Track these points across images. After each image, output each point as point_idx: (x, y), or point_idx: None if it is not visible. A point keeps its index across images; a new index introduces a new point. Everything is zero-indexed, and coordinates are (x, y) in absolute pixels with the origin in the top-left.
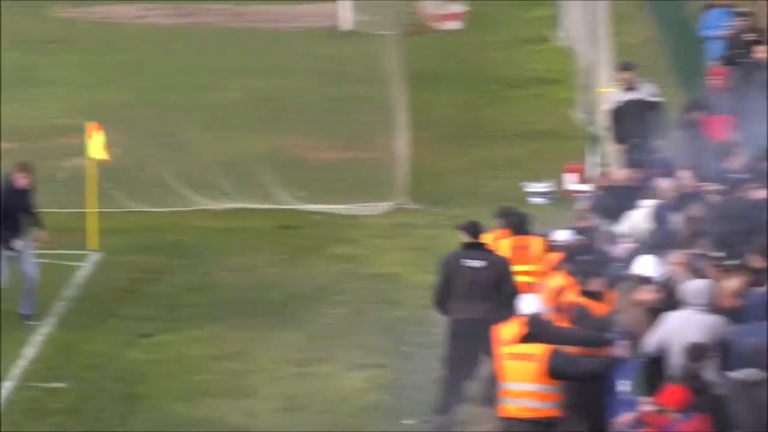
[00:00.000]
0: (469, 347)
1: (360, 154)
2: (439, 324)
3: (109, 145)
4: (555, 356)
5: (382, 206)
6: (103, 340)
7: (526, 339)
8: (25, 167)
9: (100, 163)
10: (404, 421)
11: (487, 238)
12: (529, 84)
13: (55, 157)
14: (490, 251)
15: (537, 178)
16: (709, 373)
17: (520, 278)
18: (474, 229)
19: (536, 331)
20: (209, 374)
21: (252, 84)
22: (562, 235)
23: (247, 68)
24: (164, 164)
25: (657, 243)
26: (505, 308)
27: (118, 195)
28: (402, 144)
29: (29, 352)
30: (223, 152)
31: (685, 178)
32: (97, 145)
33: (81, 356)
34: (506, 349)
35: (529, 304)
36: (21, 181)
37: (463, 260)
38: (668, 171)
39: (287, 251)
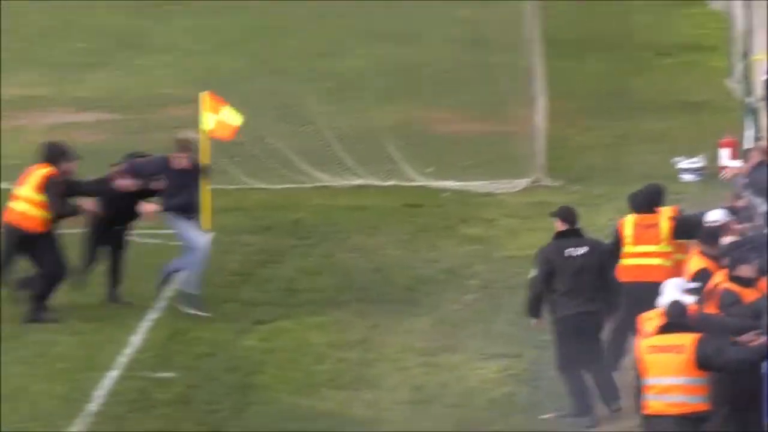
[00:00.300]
0: (585, 342)
1: (495, 126)
2: None
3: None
4: (703, 344)
5: (518, 183)
6: (216, 327)
7: (668, 329)
8: (186, 146)
9: (214, 138)
10: (540, 416)
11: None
12: (679, 51)
13: (165, 130)
14: (586, 237)
15: (688, 154)
16: None
17: (647, 261)
18: (569, 216)
19: (679, 320)
20: (330, 364)
21: (379, 51)
22: (715, 216)
23: (375, 34)
24: (283, 138)
25: None
26: (610, 297)
27: (233, 171)
28: (540, 116)
29: (136, 339)
30: (347, 125)
31: None
32: (214, 120)
33: (192, 344)
34: (647, 342)
35: (669, 290)
36: (181, 161)
37: (567, 249)
38: None
39: (414, 231)
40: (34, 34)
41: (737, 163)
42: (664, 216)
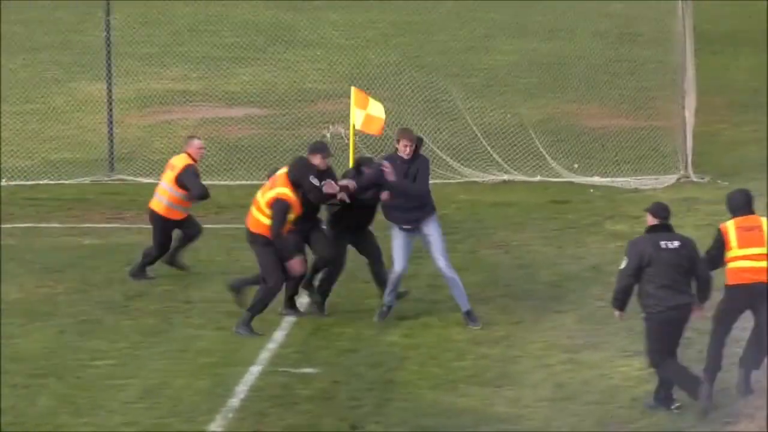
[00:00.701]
0: (675, 335)
1: (643, 122)
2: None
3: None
4: None
5: (666, 179)
6: (359, 323)
7: None
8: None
9: (364, 133)
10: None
11: None
12: None
13: (314, 125)
14: (677, 232)
15: None
16: None
17: (751, 264)
18: (661, 211)
19: None
20: (472, 360)
21: (528, 46)
22: None
23: (523, 28)
24: (430, 133)
25: None
26: (700, 292)
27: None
28: (690, 111)
29: (279, 334)
30: (494, 120)
31: None
32: (363, 115)
33: (334, 339)
34: None
35: None
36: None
37: (661, 242)
38: None
39: (560, 228)
40: (184, 28)
41: None
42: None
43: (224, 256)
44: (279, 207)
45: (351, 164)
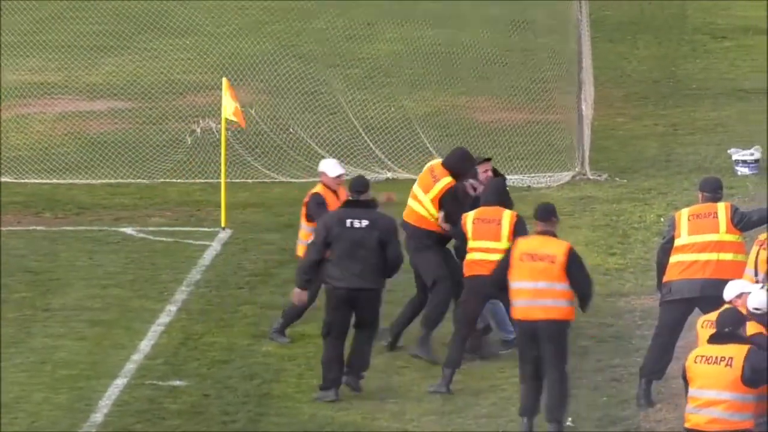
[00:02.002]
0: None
1: (537, 115)
2: (618, 314)
3: (243, 106)
4: (753, 358)
5: (561, 177)
6: (232, 332)
7: (718, 339)
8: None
9: (234, 127)
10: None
11: None
12: (737, 34)
13: (183, 119)
14: (372, 211)
15: (744, 144)
16: None
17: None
18: (357, 185)
19: (731, 329)
20: None
21: (413, 34)
22: None
23: (409, 15)
24: (308, 127)
25: None
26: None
27: (254, 163)
28: (587, 104)
29: (146, 345)
30: (377, 114)
31: None
32: (233, 107)
33: (205, 350)
34: (697, 350)
35: (730, 291)
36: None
37: (348, 219)
38: None
39: None
40: (44, 15)
41: None
42: (722, 208)
43: (86, 261)
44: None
45: (223, 162)
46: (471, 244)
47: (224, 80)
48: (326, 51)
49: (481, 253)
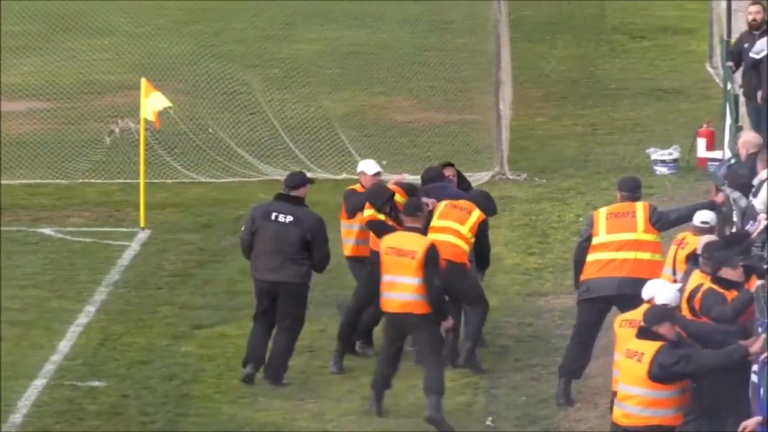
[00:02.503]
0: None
1: (456, 115)
2: (537, 314)
3: (169, 108)
4: (662, 355)
5: (480, 176)
6: (151, 332)
7: (641, 334)
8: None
9: (152, 128)
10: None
11: None
12: (655, 34)
13: (102, 119)
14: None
15: (663, 144)
16: None
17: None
18: (290, 180)
19: (650, 325)
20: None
21: (332, 34)
22: (704, 216)
23: (327, 15)
24: (227, 127)
25: None
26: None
27: (173, 163)
28: (506, 104)
29: (64, 345)
30: (297, 114)
31: None
32: (149, 107)
33: (124, 350)
34: (627, 345)
35: (649, 291)
36: None
37: (273, 212)
38: None
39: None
40: None
41: (715, 154)
42: (640, 207)
43: (5, 261)
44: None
45: (142, 163)
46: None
47: (143, 80)
48: (245, 51)
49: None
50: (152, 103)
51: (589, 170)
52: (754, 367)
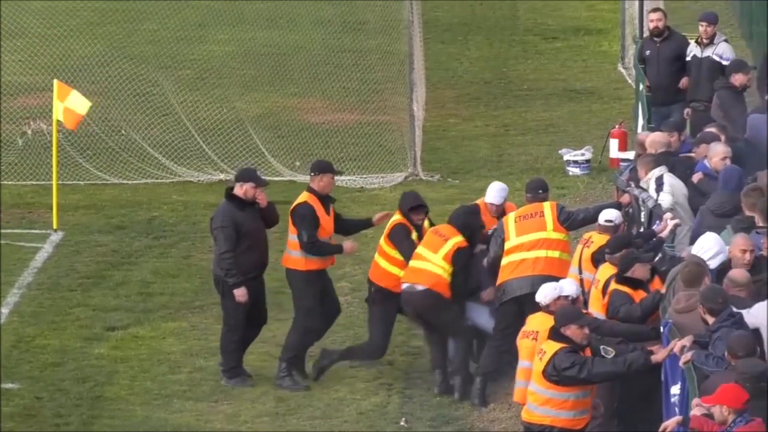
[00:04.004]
0: None
1: (369, 116)
2: None
3: (75, 108)
4: (559, 359)
5: (394, 177)
6: (65, 334)
7: (551, 335)
8: None
9: (65, 129)
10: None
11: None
12: (567, 34)
13: (14, 121)
14: None
15: (575, 145)
16: None
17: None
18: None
19: (558, 326)
20: (187, 373)
21: (245, 35)
22: (606, 217)
23: (241, 17)
24: (140, 129)
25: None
26: None
27: (86, 165)
28: (419, 105)
29: None
30: (209, 115)
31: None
32: (62, 108)
33: (38, 352)
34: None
35: (553, 291)
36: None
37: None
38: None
39: (281, 230)
40: None
41: (627, 155)
42: (548, 207)
43: None
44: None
45: (54, 164)
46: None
47: (56, 82)
48: (158, 52)
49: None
50: (72, 104)
51: (502, 171)
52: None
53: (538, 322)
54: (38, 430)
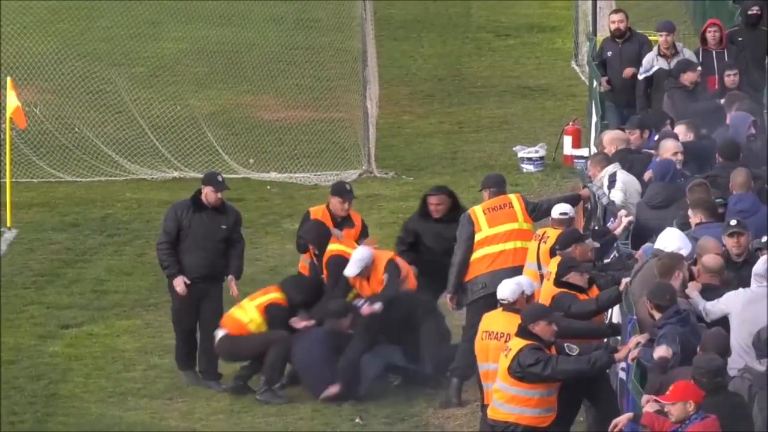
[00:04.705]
0: None
1: (323, 113)
2: None
3: (28, 105)
4: (524, 356)
5: (347, 175)
6: (19, 332)
7: (519, 332)
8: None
9: (16, 127)
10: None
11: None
12: (521, 31)
13: None
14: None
15: (529, 142)
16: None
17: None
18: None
19: (526, 323)
20: (141, 371)
21: (197, 33)
22: (560, 210)
23: (192, 14)
24: (93, 126)
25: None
26: None
27: (39, 163)
28: (372, 102)
29: None
30: (163, 112)
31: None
32: (12, 106)
33: None
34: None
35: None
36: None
37: None
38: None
39: None
40: None
41: (581, 152)
42: (515, 199)
43: None
44: None
45: (8, 162)
46: None
47: (8, 79)
48: (111, 50)
49: None
50: (10, 102)
51: (456, 168)
52: (622, 365)
53: (502, 322)
54: None
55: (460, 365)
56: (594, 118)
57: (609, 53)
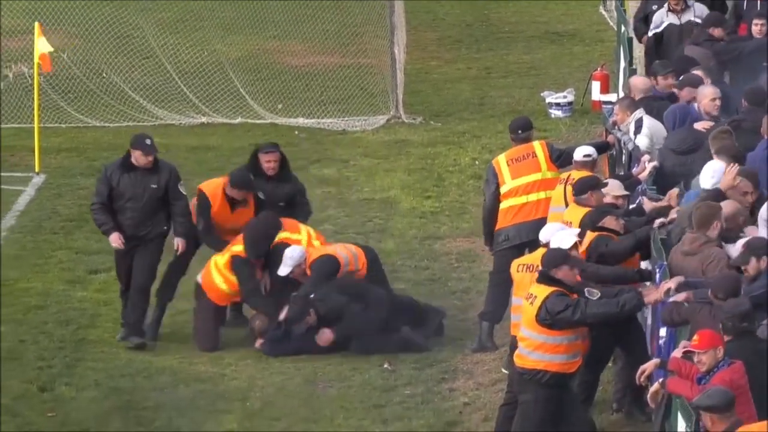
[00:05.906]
0: None
1: (350, 59)
2: (434, 257)
3: (55, 50)
4: (551, 302)
5: (375, 120)
6: (47, 277)
7: (540, 278)
8: None
9: (45, 72)
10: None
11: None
12: None
13: None
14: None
15: (557, 87)
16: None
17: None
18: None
19: (547, 269)
20: (172, 315)
21: None
22: (584, 152)
23: None
24: (121, 72)
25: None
26: None
27: (67, 108)
28: (400, 48)
29: None
30: (190, 58)
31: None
32: (42, 51)
33: (20, 295)
34: (522, 289)
35: (546, 234)
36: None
37: None
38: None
39: None
40: None
41: (609, 97)
42: (539, 147)
43: None
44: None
45: (36, 107)
46: None
47: (36, 24)
48: None
49: None
50: (39, 47)
51: (484, 113)
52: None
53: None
54: (21, 372)
55: (489, 309)
56: (622, 63)
57: (654, 6)
